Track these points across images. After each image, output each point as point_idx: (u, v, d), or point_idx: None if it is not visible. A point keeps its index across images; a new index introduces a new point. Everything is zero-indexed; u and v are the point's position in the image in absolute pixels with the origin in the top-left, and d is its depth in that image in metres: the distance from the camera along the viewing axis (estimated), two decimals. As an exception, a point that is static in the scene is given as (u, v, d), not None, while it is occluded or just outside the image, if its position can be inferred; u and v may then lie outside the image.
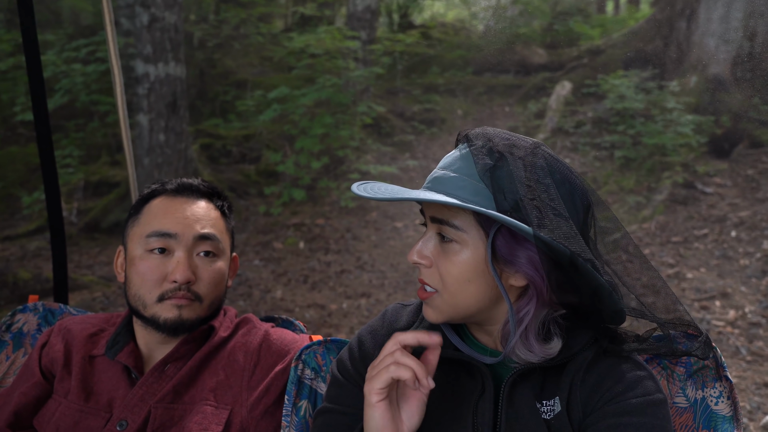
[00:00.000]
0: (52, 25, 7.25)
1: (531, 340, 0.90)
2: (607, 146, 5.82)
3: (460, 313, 0.92)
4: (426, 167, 5.97)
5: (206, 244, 1.18)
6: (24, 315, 1.44)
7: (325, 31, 6.28)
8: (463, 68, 7.99)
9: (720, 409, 0.99)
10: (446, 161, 0.93)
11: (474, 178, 0.87)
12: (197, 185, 1.24)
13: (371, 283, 4.18)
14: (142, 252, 1.17)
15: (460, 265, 0.89)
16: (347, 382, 1.02)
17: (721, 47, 6.13)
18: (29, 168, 5.55)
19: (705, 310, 3.58)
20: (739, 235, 4.40)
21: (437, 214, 0.90)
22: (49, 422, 1.15)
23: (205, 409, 1.12)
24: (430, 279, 0.92)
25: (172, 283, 1.14)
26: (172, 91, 5.03)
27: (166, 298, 1.14)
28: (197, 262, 1.17)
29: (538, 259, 0.86)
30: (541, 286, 0.88)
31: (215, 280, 1.19)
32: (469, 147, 0.91)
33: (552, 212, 0.85)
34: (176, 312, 1.14)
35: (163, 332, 1.16)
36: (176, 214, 1.18)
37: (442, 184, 0.89)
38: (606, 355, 0.93)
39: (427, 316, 0.94)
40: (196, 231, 1.17)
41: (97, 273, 4.36)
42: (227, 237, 1.25)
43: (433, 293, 0.92)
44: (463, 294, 0.90)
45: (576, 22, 8.37)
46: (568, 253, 0.83)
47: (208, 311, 1.20)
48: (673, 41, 6.64)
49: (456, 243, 0.89)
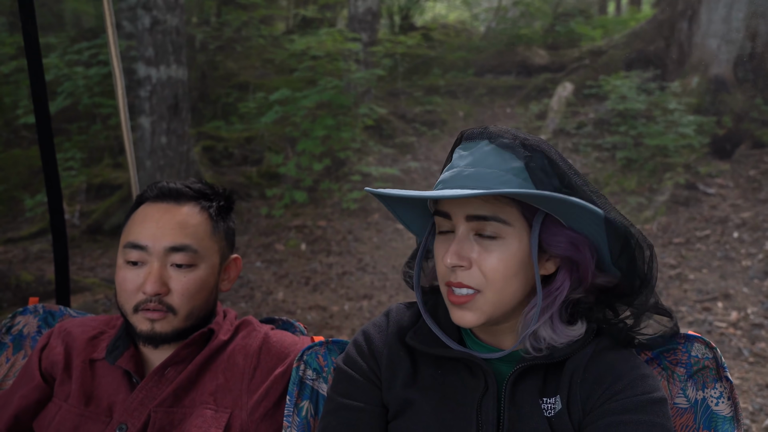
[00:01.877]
0: (55, 28, 7.27)
1: (556, 322, 0.92)
2: (608, 147, 5.81)
3: (502, 310, 0.91)
4: (427, 169, 5.98)
5: (178, 255, 1.14)
6: (24, 317, 1.44)
7: (327, 33, 6.30)
8: (464, 70, 7.99)
9: (720, 410, 0.98)
10: (473, 158, 0.90)
11: (513, 172, 0.87)
12: (179, 189, 1.19)
13: (373, 284, 4.18)
14: (122, 262, 1.16)
15: (506, 260, 0.88)
16: (360, 377, 1.01)
17: (722, 48, 6.12)
18: (32, 171, 5.56)
19: (707, 311, 3.58)
20: (741, 236, 4.39)
21: (478, 212, 0.88)
22: (49, 426, 1.14)
23: (205, 412, 1.12)
24: (470, 280, 0.89)
25: (143, 294, 1.13)
26: (173, 94, 5.03)
27: (140, 309, 1.13)
28: (171, 272, 1.14)
29: (581, 240, 0.90)
30: (586, 266, 0.91)
31: (190, 291, 1.15)
32: (493, 143, 0.90)
33: (594, 195, 0.91)
34: (149, 325, 1.13)
35: (141, 342, 1.16)
36: (150, 224, 1.15)
37: (482, 180, 0.87)
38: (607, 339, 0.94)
39: (465, 321, 0.91)
40: (166, 243, 1.14)
41: (99, 275, 4.37)
42: (212, 242, 1.19)
43: (473, 295, 0.90)
44: (509, 289, 0.90)
45: (577, 23, 8.38)
46: (623, 230, 0.89)
47: (185, 322, 1.16)
48: (675, 42, 6.64)
49: (499, 238, 0.89)
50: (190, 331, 1.18)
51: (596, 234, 0.91)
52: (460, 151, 0.94)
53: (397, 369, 0.99)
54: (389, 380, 0.99)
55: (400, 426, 0.96)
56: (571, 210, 0.87)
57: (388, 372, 0.99)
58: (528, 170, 0.88)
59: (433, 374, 0.98)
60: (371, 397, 1.00)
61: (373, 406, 0.99)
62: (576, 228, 0.90)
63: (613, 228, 0.89)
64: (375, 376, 1.01)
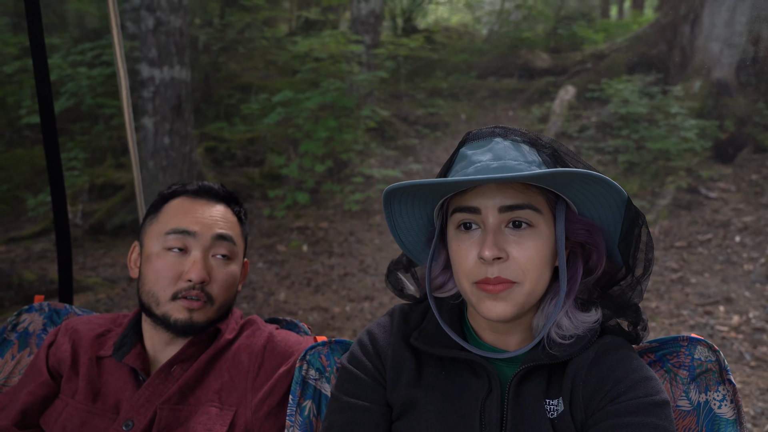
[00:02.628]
0: (58, 28, 7.29)
1: (572, 310, 0.93)
2: (610, 151, 5.82)
3: (531, 301, 0.91)
4: (429, 171, 5.98)
5: (223, 246, 1.19)
6: (30, 315, 1.45)
7: (330, 35, 6.30)
8: (466, 72, 8.00)
9: (723, 413, 0.98)
10: (494, 153, 0.90)
11: (535, 164, 0.90)
12: (217, 189, 1.26)
13: (374, 286, 4.18)
14: (160, 249, 1.17)
15: (539, 249, 0.90)
16: (365, 377, 1.01)
17: (725, 52, 6.13)
18: (35, 170, 5.58)
19: (709, 315, 3.57)
20: (743, 240, 4.39)
21: (511, 201, 0.89)
22: (56, 422, 1.15)
23: (210, 410, 1.13)
24: (509, 273, 0.88)
25: (186, 281, 1.15)
26: (177, 95, 5.05)
27: (179, 297, 1.15)
28: (212, 263, 1.19)
29: (595, 226, 0.93)
30: (600, 252, 0.94)
31: (228, 283, 1.20)
32: (507, 139, 0.92)
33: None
34: (187, 314, 1.15)
35: (172, 332, 1.17)
36: (196, 214, 1.19)
37: (514, 170, 0.87)
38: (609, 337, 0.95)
39: (497, 311, 0.89)
40: (214, 231, 1.19)
41: (102, 275, 4.37)
42: (242, 242, 1.26)
43: (511, 285, 0.89)
44: (542, 280, 0.91)
45: (580, 27, 8.38)
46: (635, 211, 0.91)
47: (218, 314, 1.20)
48: (677, 46, 6.64)
49: (533, 227, 0.90)
50: (213, 324, 1.21)
51: (607, 219, 0.94)
52: (471, 149, 0.93)
53: (402, 369, 1.00)
54: (394, 380, 1.00)
55: (404, 426, 0.97)
56: (594, 194, 0.90)
57: (393, 372, 1.00)
58: (552, 159, 0.91)
59: (437, 374, 0.98)
60: (376, 397, 1.00)
61: (377, 406, 0.99)
62: (588, 215, 0.94)
63: (629, 211, 0.91)
64: (380, 376, 1.01)
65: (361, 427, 0.98)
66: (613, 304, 0.96)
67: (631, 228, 0.93)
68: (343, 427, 0.99)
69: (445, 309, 1.02)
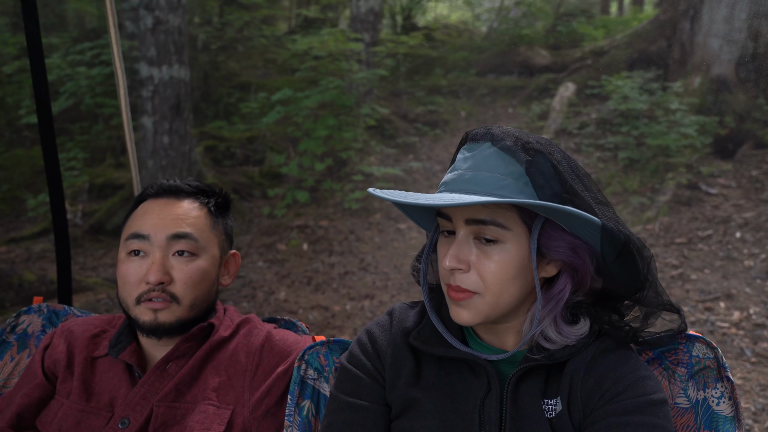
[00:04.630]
0: (57, 28, 7.29)
1: (560, 324, 0.92)
2: (610, 147, 5.81)
3: (499, 312, 0.92)
4: (429, 169, 5.98)
5: (180, 243, 1.17)
6: (28, 316, 1.45)
7: (329, 34, 6.29)
8: (466, 70, 7.99)
9: (721, 410, 0.98)
10: (474, 161, 0.90)
11: (513, 176, 0.87)
12: (178, 186, 1.23)
13: (375, 284, 4.18)
14: (124, 255, 1.18)
15: (504, 264, 0.89)
16: (365, 376, 1.01)
17: (724, 48, 6.11)
18: (34, 170, 5.58)
19: (709, 311, 3.57)
20: (743, 236, 4.39)
21: (476, 216, 0.88)
22: (52, 423, 1.15)
23: (207, 408, 1.13)
24: (468, 283, 0.90)
25: (146, 284, 1.14)
26: (176, 94, 5.04)
27: (142, 300, 1.15)
28: (173, 262, 1.17)
29: (581, 245, 0.89)
30: (585, 271, 0.91)
31: (193, 280, 1.17)
32: (495, 145, 0.90)
33: (593, 201, 0.90)
34: (152, 315, 1.15)
35: (144, 335, 1.17)
36: (152, 216, 1.18)
37: (481, 185, 0.87)
38: (608, 338, 0.94)
39: (461, 318, 0.92)
40: (168, 231, 1.17)
41: (102, 275, 4.38)
42: (212, 235, 1.22)
43: (472, 295, 0.90)
44: (507, 293, 0.90)
45: (579, 23, 8.37)
46: (623, 238, 0.87)
47: (189, 312, 1.18)
48: (677, 42, 6.63)
49: (499, 243, 0.89)
50: (193, 323, 1.20)
51: (595, 240, 0.91)
52: (464, 152, 0.94)
53: (401, 368, 0.99)
54: (393, 379, 0.99)
55: (403, 425, 0.97)
56: (569, 217, 0.87)
57: (392, 371, 1.00)
58: (528, 174, 0.87)
59: (436, 374, 0.98)
60: (375, 396, 1.00)
61: (377, 405, 0.99)
62: (577, 233, 0.90)
63: (609, 235, 0.88)
64: (379, 375, 1.01)
65: (360, 426, 0.98)
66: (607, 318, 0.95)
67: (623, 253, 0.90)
68: (342, 426, 0.99)
69: (446, 306, 1.02)
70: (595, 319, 0.94)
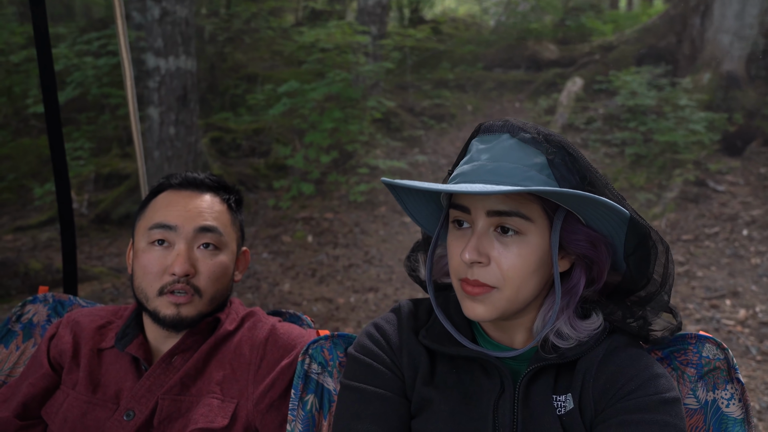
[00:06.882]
0: (65, 18, 7.28)
1: (573, 319, 0.91)
2: (618, 143, 5.78)
3: (517, 306, 0.90)
4: (435, 162, 5.96)
5: (206, 236, 1.17)
6: (34, 306, 1.45)
7: (336, 26, 6.27)
8: (473, 63, 7.95)
9: (731, 412, 0.97)
10: (493, 153, 0.88)
11: (536, 168, 0.85)
12: (202, 179, 1.24)
13: (379, 277, 4.18)
14: (146, 245, 1.17)
15: (526, 257, 0.87)
16: (386, 369, 0.98)
17: (735, 44, 6.06)
18: (41, 160, 5.59)
19: (715, 309, 3.56)
20: (750, 233, 4.36)
21: (499, 207, 0.86)
22: (57, 413, 1.16)
23: (212, 401, 1.13)
24: (487, 277, 0.87)
25: (171, 275, 1.14)
26: (182, 85, 5.04)
27: (165, 291, 1.14)
28: (197, 255, 1.17)
29: (599, 238, 0.89)
30: (603, 265, 0.90)
31: (216, 274, 1.18)
32: (515, 137, 0.88)
33: (611, 194, 0.89)
34: (175, 310, 1.14)
35: (163, 327, 1.16)
36: (178, 207, 1.18)
37: (506, 175, 0.84)
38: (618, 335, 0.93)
39: (476, 313, 0.89)
40: (196, 223, 1.17)
41: (107, 264, 4.39)
42: (232, 231, 1.24)
43: (490, 290, 0.88)
44: (525, 287, 0.88)
45: (588, 18, 8.31)
46: (646, 230, 0.87)
47: (209, 306, 1.19)
48: (687, 37, 6.58)
49: (520, 234, 0.87)
50: (207, 316, 1.20)
51: (614, 232, 0.90)
52: (479, 144, 0.92)
53: (418, 366, 0.98)
54: (411, 377, 0.98)
55: (418, 425, 0.95)
56: (594, 209, 0.86)
57: (410, 370, 0.98)
58: (551, 166, 0.86)
59: (449, 373, 0.97)
60: (398, 389, 0.98)
61: (401, 398, 0.97)
62: (594, 226, 0.89)
63: (635, 228, 0.87)
64: (398, 370, 0.99)
65: (391, 417, 0.95)
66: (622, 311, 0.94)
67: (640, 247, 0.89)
68: (374, 417, 0.95)
69: (453, 303, 1.00)
70: (607, 315, 0.93)
